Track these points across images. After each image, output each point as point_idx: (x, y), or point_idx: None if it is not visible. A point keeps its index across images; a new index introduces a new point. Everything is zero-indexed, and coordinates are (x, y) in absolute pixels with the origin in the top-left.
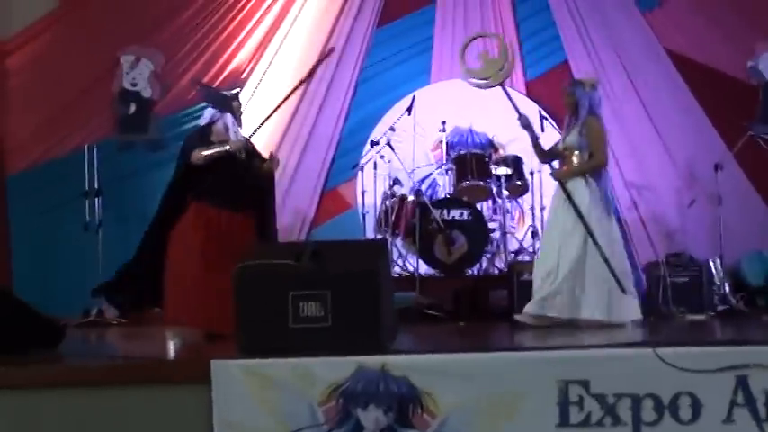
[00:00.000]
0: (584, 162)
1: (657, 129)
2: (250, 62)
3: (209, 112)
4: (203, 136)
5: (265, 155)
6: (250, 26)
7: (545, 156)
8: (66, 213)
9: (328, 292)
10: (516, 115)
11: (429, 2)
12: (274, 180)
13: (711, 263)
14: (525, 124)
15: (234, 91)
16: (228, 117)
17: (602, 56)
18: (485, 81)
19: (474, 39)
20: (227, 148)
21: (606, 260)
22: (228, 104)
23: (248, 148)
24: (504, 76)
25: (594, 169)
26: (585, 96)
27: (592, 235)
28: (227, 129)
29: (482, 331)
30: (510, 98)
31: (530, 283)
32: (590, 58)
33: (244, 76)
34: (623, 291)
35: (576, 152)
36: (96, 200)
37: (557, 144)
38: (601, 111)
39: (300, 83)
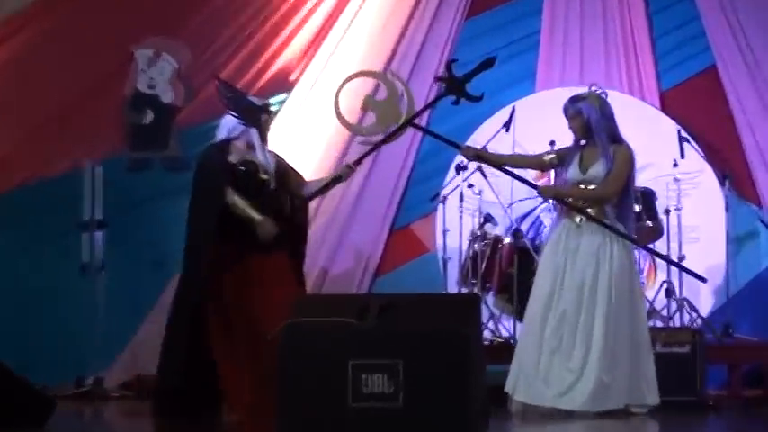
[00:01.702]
0: (596, 189)
1: None
2: (301, 61)
3: (228, 123)
4: (222, 156)
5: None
6: (302, 15)
7: (532, 165)
8: (57, 251)
9: (400, 362)
10: (457, 149)
11: None
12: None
13: None
14: (474, 154)
15: (264, 101)
16: (254, 133)
17: (762, 58)
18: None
19: (347, 81)
20: (256, 219)
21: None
22: (256, 117)
23: (281, 170)
24: (409, 115)
25: (600, 199)
26: (595, 111)
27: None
28: (250, 147)
29: (596, 419)
30: (433, 134)
31: (666, 356)
32: (745, 61)
33: (293, 78)
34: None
35: (594, 186)
36: (98, 234)
37: (542, 156)
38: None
39: (422, 110)
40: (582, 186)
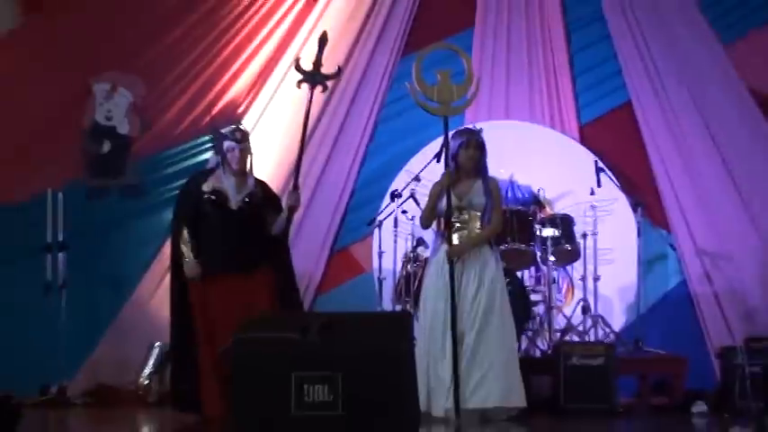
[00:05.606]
0: (487, 227)
1: (737, 185)
2: (249, 93)
3: (214, 158)
4: (197, 184)
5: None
6: (249, 51)
7: (429, 220)
8: (22, 271)
9: (340, 375)
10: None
11: (465, 27)
12: (291, 223)
13: None
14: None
15: (228, 129)
16: (219, 161)
17: (672, 96)
18: (435, 105)
19: (435, 48)
20: (187, 269)
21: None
22: (219, 145)
23: (255, 200)
24: (453, 112)
25: (495, 233)
26: (485, 152)
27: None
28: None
29: (520, 426)
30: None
31: (582, 368)
32: (657, 98)
33: (241, 110)
34: None
35: (478, 213)
36: (60, 255)
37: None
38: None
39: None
40: (459, 214)
